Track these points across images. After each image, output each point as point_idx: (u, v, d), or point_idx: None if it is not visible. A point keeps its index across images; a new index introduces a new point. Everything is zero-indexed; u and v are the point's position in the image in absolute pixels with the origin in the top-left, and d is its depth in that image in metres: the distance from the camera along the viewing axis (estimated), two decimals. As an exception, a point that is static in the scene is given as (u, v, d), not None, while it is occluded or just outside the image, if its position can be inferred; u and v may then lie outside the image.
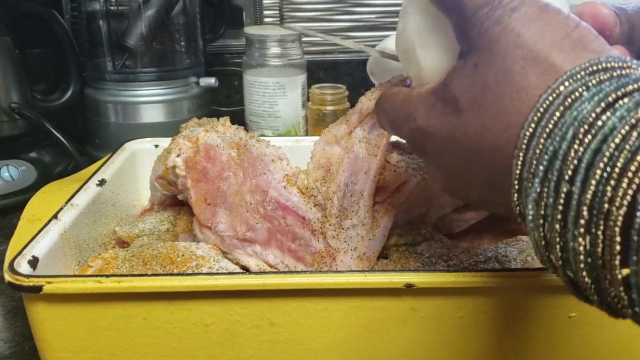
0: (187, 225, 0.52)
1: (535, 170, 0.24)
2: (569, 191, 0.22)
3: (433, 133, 0.30)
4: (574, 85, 0.23)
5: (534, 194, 0.24)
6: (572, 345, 0.40)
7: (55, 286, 0.37)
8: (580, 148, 0.22)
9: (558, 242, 0.23)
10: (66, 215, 0.47)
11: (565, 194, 0.22)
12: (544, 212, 0.23)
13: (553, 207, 0.23)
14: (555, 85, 0.24)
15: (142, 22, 0.86)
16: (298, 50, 0.90)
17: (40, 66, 0.88)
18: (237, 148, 0.49)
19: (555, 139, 0.23)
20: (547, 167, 0.23)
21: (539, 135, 0.24)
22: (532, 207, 0.24)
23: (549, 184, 0.23)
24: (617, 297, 0.22)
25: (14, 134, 0.81)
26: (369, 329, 0.39)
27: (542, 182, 0.23)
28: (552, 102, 0.24)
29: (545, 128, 0.23)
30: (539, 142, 0.23)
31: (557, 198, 0.22)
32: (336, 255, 0.46)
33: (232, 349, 0.39)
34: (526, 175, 0.24)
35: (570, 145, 0.22)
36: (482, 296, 0.38)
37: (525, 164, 0.24)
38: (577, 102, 0.23)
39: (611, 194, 0.20)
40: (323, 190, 0.47)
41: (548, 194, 0.23)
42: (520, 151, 0.25)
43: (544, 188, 0.23)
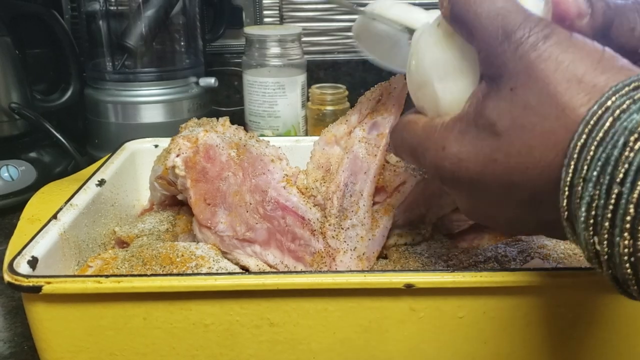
0: (186, 226, 0.52)
1: (587, 175, 0.25)
2: (620, 192, 0.24)
3: (467, 159, 0.31)
4: (621, 99, 0.25)
5: (587, 197, 0.25)
6: (573, 345, 0.40)
7: (54, 286, 0.37)
8: (631, 154, 0.24)
9: (606, 238, 0.25)
10: (66, 215, 0.47)
11: (616, 195, 0.24)
12: (595, 212, 0.25)
13: (604, 207, 0.25)
14: (603, 100, 0.26)
15: (142, 22, 0.86)
16: (298, 50, 0.90)
17: (40, 66, 0.88)
18: (237, 148, 0.49)
19: (607, 147, 0.25)
20: (599, 172, 0.25)
21: (590, 144, 0.25)
22: (584, 209, 0.26)
23: (601, 187, 0.25)
24: None
25: (14, 134, 0.81)
26: (369, 329, 0.39)
27: (595, 186, 0.25)
28: (601, 115, 0.25)
29: (596, 137, 0.25)
30: (590, 150, 0.25)
31: (609, 199, 0.24)
32: (336, 255, 0.46)
33: (231, 349, 0.39)
34: (577, 181, 0.26)
35: (621, 151, 0.24)
36: (482, 296, 0.38)
37: (577, 171, 0.26)
38: (626, 113, 0.25)
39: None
40: (323, 190, 0.47)
41: (600, 196, 0.25)
42: (571, 160, 0.26)
43: (596, 191, 0.25)
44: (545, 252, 0.45)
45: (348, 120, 0.48)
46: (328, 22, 1.10)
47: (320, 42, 1.11)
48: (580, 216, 0.26)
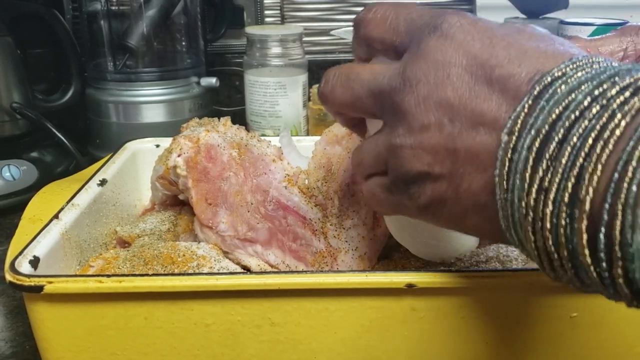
0: (188, 225, 0.52)
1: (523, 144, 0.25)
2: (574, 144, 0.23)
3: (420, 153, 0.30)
4: (579, 65, 0.26)
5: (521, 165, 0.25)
6: (573, 346, 0.40)
7: (56, 286, 0.37)
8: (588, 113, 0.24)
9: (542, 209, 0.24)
10: (67, 215, 0.47)
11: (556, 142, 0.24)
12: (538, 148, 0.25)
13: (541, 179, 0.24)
14: (562, 66, 0.26)
15: (143, 22, 0.86)
16: (299, 50, 0.90)
17: (41, 66, 0.88)
18: (238, 148, 0.49)
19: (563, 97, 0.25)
20: (531, 142, 0.25)
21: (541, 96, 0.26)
22: (528, 145, 0.25)
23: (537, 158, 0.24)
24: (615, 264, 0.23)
25: (15, 134, 0.81)
26: (370, 329, 0.39)
27: (527, 158, 0.25)
28: (556, 78, 0.26)
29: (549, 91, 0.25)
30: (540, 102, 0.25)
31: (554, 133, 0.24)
32: (337, 255, 0.46)
33: (233, 349, 0.39)
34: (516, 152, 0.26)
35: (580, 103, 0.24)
36: (483, 296, 0.38)
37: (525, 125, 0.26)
38: (584, 72, 0.25)
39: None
40: (324, 190, 0.47)
41: (535, 166, 0.24)
42: (522, 110, 0.26)
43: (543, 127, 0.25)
44: (547, 252, 0.45)
45: (349, 120, 0.48)
46: (329, 21, 1.10)
47: (321, 41, 1.11)
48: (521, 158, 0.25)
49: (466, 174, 0.28)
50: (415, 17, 0.32)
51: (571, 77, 0.25)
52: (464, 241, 0.45)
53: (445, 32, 0.29)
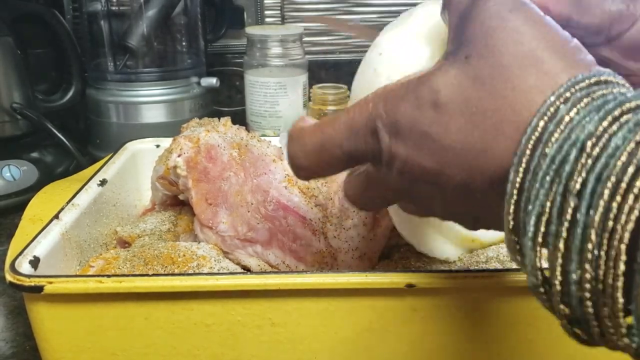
0: (188, 226, 0.52)
1: (541, 179, 0.22)
2: (576, 207, 0.20)
3: (403, 130, 0.27)
4: (580, 94, 0.22)
5: (538, 208, 0.22)
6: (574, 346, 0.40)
7: (56, 286, 0.37)
8: (589, 160, 0.21)
9: (560, 263, 0.21)
10: (67, 215, 0.47)
11: (572, 209, 0.20)
12: (546, 229, 0.21)
13: (558, 224, 0.21)
14: (561, 91, 0.23)
15: (144, 23, 0.86)
16: (299, 50, 0.90)
17: (41, 66, 0.88)
18: (238, 148, 0.49)
19: (564, 146, 0.21)
20: (553, 179, 0.21)
21: (546, 140, 0.22)
22: (533, 222, 0.22)
23: (554, 196, 0.21)
24: (615, 326, 0.21)
25: (16, 134, 0.81)
26: (370, 329, 0.39)
27: (547, 194, 0.21)
28: (558, 107, 0.22)
29: (554, 133, 0.22)
30: (546, 150, 0.22)
31: (564, 213, 0.21)
32: (337, 255, 0.46)
33: (233, 349, 0.39)
34: (528, 185, 0.22)
35: (578, 156, 0.21)
36: (484, 296, 0.38)
37: (528, 172, 0.22)
38: (584, 111, 0.22)
39: (617, 210, 0.19)
40: (324, 190, 0.47)
41: (552, 207, 0.21)
42: (523, 155, 0.23)
43: (548, 201, 0.21)
44: (547, 252, 0.45)
45: (349, 120, 0.48)
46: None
47: (321, 42, 1.11)
48: (528, 230, 0.22)
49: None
50: (341, 141, 0.29)
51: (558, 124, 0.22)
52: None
53: (387, 156, 0.27)
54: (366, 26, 0.42)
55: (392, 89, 0.27)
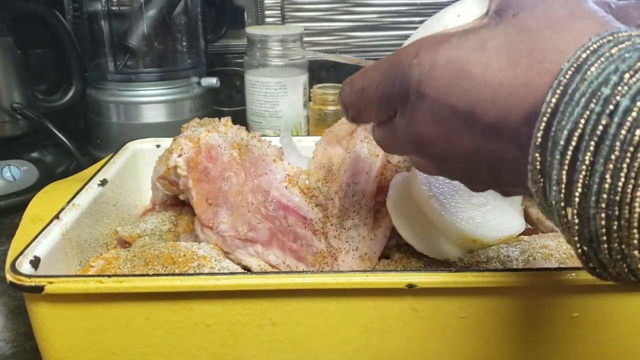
0: (188, 226, 0.52)
1: (577, 100, 0.23)
2: (607, 125, 0.22)
3: (440, 66, 0.28)
4: (622, 37, 0.24)
5: (571, 123, 0.23)
6: (575, 346, 0.40)
7: (56, 286, 0.37)
8: (625, 87, 0.22)
9: (583, 176, 0.23)
10: (68, 215, 0.47)
11: (604, 126, 0.22)
12: (576, 143, 0.23)
13: (589, 139, 0.23)
14: (606, 34, 0.24)
15: (144, 22, 0.86)
16: (299, 50, 0.90)
17: (42, 66, 0.88)
18: (239, 148, 0.49)
19: (602, 74, 0.23)
20: (588, 100, 0.23)
21: (586, 69, 0.24)
22: (565, 137, 0.23)
23: (588, 115, 0.23)
24: (627, 244, 0.22)
25: (16, 134, 0.81)
26: (371, 329, 0.39)
27: (582, 112, 0.23)
28: (602, 45, 0.24)
29: (594, 63, 0.24)
30: (585, 75, 0.24)
31: (595, 130, 0.22)
32: (338, 255, 0.46)
33: (233, 349, 0.39)
34: (565, 103, 0.24)
35: (616, 83, 0.22)
36: (484, 296, 0.38)
37: (565, 95, 0.24)
38: (624, 50, 0.23)
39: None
40: (324, 190, 0.47)
41: (587, 122, 0.23)
42: (562, 80, 0.24)
43: (581, 119, 0.23)
44: (548, 252, 0.45)
45: (350, 120, 0.48)
46: (330, 22, 1.10)
47: (322, 42, 1.11)
48: (558, 144, 0.24)
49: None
50: (379, 81, 0.32)
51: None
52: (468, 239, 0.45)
53: (416, 96, 0.29)
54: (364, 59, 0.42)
55: (434, 37, 0.29)
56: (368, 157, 0.47)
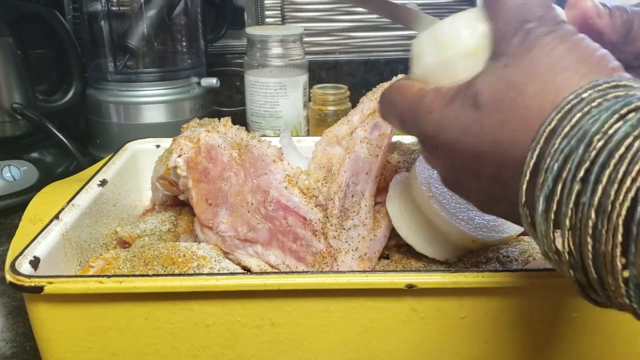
0: (188, 226, 0.52)
1: (550, 166, 0.25)
2: (580, 190, 0.24)
3: (447, 125, 0.31)
4: (595, 94, 0.26)
5: (546, 190, 0.25)
6: (574, 346, 0.40)
7: (56, 286, 0.37)
8: (594, 152, 0.24)
9: (567, 237, 0.25)
10: (67, 215, 0.47)
11: (577, 192, 0.24)
12: (556, 207, 0.25)
13: (565, 204, 0.25)
14: (580, 91, 0.26)
15: (144, 23, 0.87)
16: (299, 50, 0.90)
17: (42, 67, 0.88)
18: (239, 148, 0.49)
19: (573, 140, 0.25)
20: (561, 166, 0.25)
21: (558, 133, 0.25)
22: (542, 201, 0.26)
23: (562, 182, 0.25)
24: (617, 290, 0.24)
25: (16, 135, 0.81)
26: (370, 330, 0.39)
27: (556, 180, 0.25)
28: (574, 105, 0.26)
29: (565, 127, 0.25)
30: (557, 139, 0.25)
31: (570, 195, 0.24)
32: (337, 255, 0.46)
33: (233, 349, 0.39)
34: (541, 167, 0.26)
35: (586, 148, 0.24)
36: (484, 297, 0.38)
37: (541, 159, 0.26)
38: (596, 109, 0.25)
39: (616, 191, 0.23)
40: (324, 190, 0.47)
41: (562, 191, 0.25)
42: (537, 144, 0.26)
43: (557, 186, 0.25)
44: (547, 252, 0.45)
45: (350, 120, 0.48)
46: (330, 22, 1.10)
47: (322, 42, 1.11)
48: (537, 207, 0.26)
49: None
50: (404, 117, 0.35)
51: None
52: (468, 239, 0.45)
53: (431, 144, 0.33)
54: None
55: (442, 93, 0.32)
56: (368, 157, 0.47)
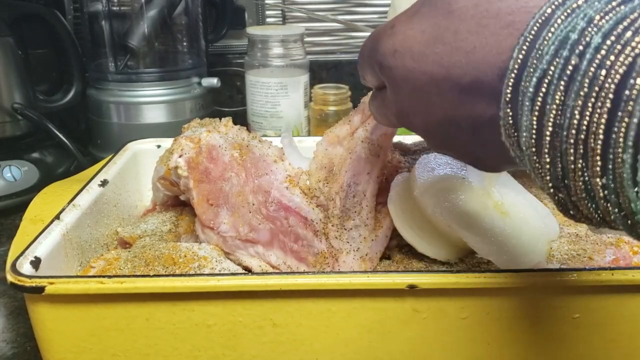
0: (189, 226, 0.52)
1: (545, 50, 0.24)
2: (576, 65, 0.23)
3: (412, 37, 0.29)
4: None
5: (539, 71, 0.24)
6: (576, 347, 0.40)
7: (57, 287, 0.37)
8: (595, 29, 0.23)
9: (553, 115, 0.23)
10: (68, 215, 0.47)
11: (573, 66, 0.23)
12: (546, 89, 0.24)
13: (558, 79, 0.23)
14: None
15: (145, 23, 0.87)
16: (300, 50, 0.90)
17: (42, 67, 0.88)
18: (240, 148, 0.49)
19: (573, 21, 0.23)
20: (559, 46, 0.23)
21: (553, 22, 0.24)
22: (535, 83, 0.24)
23: (559, 59, 0.23)
24: (594, 185, 0.22)
25: (17, 135, 0.81)
26: (372, 330, 0.39)
27: (551, 59, 0.23)
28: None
29: (560, 17, 0.24)
30: (551, 28, 0.24)
31: (565, 69, 0.23)
32: (339, 256, 0.45)
33: (234, 350, 0.39)
34: (533, 55, 0.24)
35: (585, 27, 0.23)
36: (485, 297, 0.38)
37: (532, 49, 0.24)
38: (587, 2, 0.24)
39: (611, 61, 0.22)
40: (325, 190, 0.47)
41: (555, 68, 0.23)
42: (529, 34, 0.25)
43: (551, 66, 0.23)
44: (549, 253, 0.45)
45: (351, 120, 0.48)
46: (331, 22, 1.10)
47: (322, 42, 1.11)
48: (526, 95, 0.24)
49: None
50: (365, 49, 0.34)
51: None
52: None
53: (392, 66, 0.30)
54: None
55: (408, 10, 0.31)
56: (369, 157, 0.47)
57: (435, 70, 0.28)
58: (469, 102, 0.28)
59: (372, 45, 0.32)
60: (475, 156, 0.31)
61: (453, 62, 0.28)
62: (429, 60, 0.29)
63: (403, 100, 0.31)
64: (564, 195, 0.25)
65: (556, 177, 0.24)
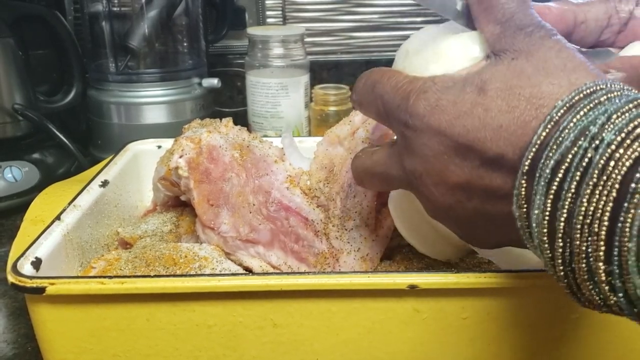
0: (189, 226, 0.52)
1: (565, 135, 0.26)
2: (591, 157, 0.25)
3: (444, 106, 0.31)
4: (613, 87, 0.27)
5: (558, 154, 0.26)
6: (576, 347, 0.40)
7: (58, 287, 0.37)
8: (612, 126, 0.25)
9: (570, 202, 0.25)
10: (69, 216, 0.47)
11: (589, 159, 0.25)
12: (562, 175, 0.26)
13: (575, 169, 0.25)
14: (599, 82, 0.28)
15: (145, 23, 0.87)
16: (301, 50, 0.90)
17: (43, 67, 0.88)
18: (240, 149, 0.49)
19: (595, 114, 0.26)
20: (578, 134, 0.26)
21: (577, 111, 0.26)
22: (552, 165, 0.26)
23: (577, 149, 0.25)
24: (597, 270, 0.24)
25: (17, 135, 0.81)
26: (372, 330, 0.39)
27: (571, 146, 0.26)
28: (594, 91, 0.27)
29: (585, 108, 0.26)
30: (575, 117, 0.26)
31: (582, 161, 0.25)
32: (339, 256, 0.45)
33: (235, 350, 0.39)
34: (556, 137, 0.26)
35: (604, 123, 0.25)
36: (486, 297, 0.38)
37: (556, 130, 0.27)
38: (614, 97, 0.27)
39: (620, 154, 0.24)
40: (326, 191, 0.47)
41: (574, 157, 0.25)
42: (552, 118, 0.27)
43: (569, 153, 0.26)
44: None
45: (351, 120, 0.48)
46: (331, 22, 1.10)
47: (323, 42, 1.11)
48: (543, 175, 0.26)
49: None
50: (388, 99, 0.35)
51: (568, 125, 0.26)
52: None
53: (418, 127, 0.32)
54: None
55: (441, 79, 0.32)
56: (369, 157, 0.47)
57: (461, 140, 0.30)
58: (487, 174, 0.30)
59: (400, 102, 0.33)
60: (474, 226, 0.33)
61: (480, 137, 0.30)
62: (456, 132, 0.30)
63: (419, 160, 0.33)
64: (570, 279, 0.27)
65: (564, 260, 0.26)
